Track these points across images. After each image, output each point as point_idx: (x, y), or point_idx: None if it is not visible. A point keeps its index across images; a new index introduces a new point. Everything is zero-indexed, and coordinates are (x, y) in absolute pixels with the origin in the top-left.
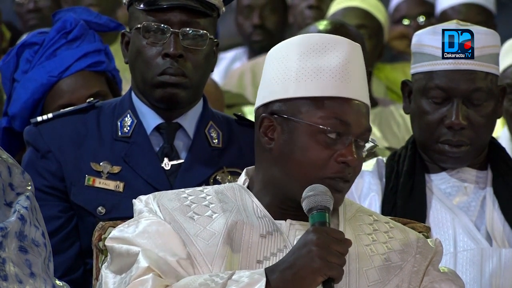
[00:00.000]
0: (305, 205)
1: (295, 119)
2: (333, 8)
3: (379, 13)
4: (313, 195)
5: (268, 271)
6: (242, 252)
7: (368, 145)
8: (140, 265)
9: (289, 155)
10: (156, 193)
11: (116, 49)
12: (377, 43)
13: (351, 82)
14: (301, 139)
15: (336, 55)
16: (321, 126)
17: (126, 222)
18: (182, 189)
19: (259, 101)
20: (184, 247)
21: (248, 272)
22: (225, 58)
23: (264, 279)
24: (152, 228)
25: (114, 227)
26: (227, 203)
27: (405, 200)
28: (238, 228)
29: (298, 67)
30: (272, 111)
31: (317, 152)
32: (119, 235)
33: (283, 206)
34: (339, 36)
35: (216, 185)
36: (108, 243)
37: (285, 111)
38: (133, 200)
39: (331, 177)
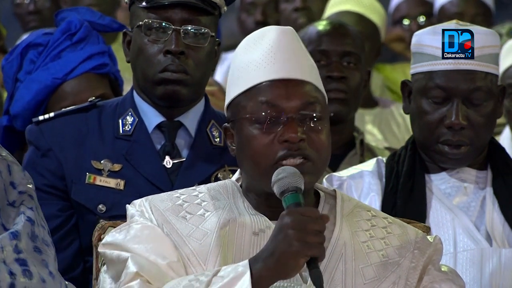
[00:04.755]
0: (276, 189)
1: (237, 119)
2: (327, 13)
3: (374, 14)
4: (282, 178)
5: (252, 262)
6: (235, 250)
7: None
8: (129, 271)
9: (242, 154)
10: (149, 196)
11: (115, 49)
12: (374, 45)
13: (276, 63)
14: (244, 135)
15: (262, 46)
16: (248, 116)
17: (118, 227)
18: (175, 190)
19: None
20: (175, 250)
21: (233, 265)
22: (228, 59)
23: (248, 271)
24: (143, 232)
25: (114, 227)
26: (219, 200)
27: (405, 200)
28: (231, 226)
29: (235, 68)
30: (227, 118)
31: (258, 141)
32: (110, 241)
33: (269, 204)
34: (269, 27)
35: (210, 183)
36: (100, 249)
37: (232, 115)
38: (127, 205)
39: (280, 159)
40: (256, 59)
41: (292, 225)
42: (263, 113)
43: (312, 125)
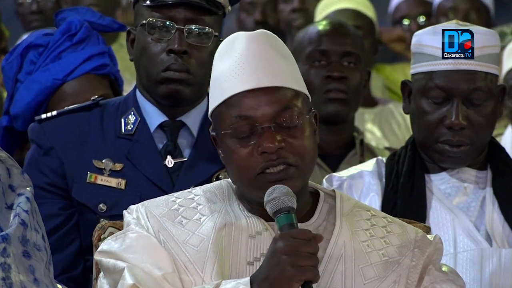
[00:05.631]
0: (269, 209)
1: (217, 131)
2: (322, 13)
3: (368, 10)
4: (274, 198)
5: (252, 281)
6: (232, 255)
7: None
8: (126, 282)
9: (227, 165)
10: (145, 201)
11: (115, 49)
12: (372, 41)
13: (245, 74)
14: (226, 149)
15: (231, 55)
16: (225, 131)
17: (114, 234)
18: (171, 193)
19: None
20: (170, 260)
21: (233, 282)
22: None
23: None
24: (139, 242)
25: (114, 227)
26: (215, 203)
27: (405, 200)
28: (227, 230)
29: (213, 78)
30: (213, 127)
31: (238, 155)
32: (106, 249)
33: (262, 207)
34: (239, 33)
35: (206, 185)
36: (97, 256)
37: (214, 126)
38: (124, 211)
39: (261, 171)
40: (227, 69)
41: (285, 250)
42: (238, 127)
43: (290, 130)
